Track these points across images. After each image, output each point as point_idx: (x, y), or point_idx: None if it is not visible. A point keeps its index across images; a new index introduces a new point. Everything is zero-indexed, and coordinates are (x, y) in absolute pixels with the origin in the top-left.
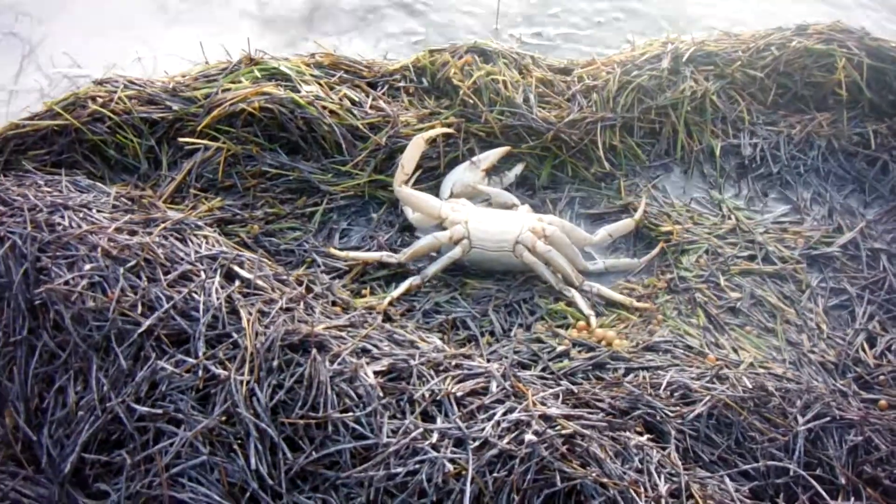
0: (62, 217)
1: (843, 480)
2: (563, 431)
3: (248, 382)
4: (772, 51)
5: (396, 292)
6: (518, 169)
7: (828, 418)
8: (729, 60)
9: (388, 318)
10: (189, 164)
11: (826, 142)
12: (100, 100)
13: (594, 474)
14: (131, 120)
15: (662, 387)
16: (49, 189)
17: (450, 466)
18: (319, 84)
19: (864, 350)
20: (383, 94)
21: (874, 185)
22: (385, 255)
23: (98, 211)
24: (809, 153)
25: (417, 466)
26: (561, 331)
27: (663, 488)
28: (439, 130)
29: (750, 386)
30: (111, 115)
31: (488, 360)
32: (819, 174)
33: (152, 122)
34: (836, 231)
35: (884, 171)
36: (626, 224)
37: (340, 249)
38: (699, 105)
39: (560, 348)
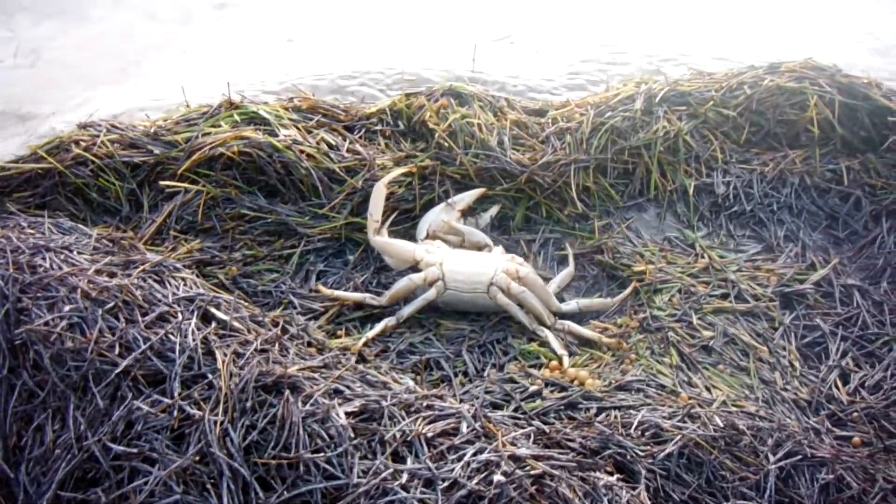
0: (43, 259)
1: None
2: (532, 472)
3: (221, 423)
4: (744, 90)
5: (371, 333)
6: (493, 210)
7: (799, 456)
8: (702, 100)
9: (362, 358)
10: (169, 207)
11: (799, 179)
12: (83, 143)
13: None
14: (113, 163)
15: (633, 426)
16: (32, 231)
17: None
18: (297, 128)
19: (837, 387)
20: (360, 137)
21: (847, 222)
22: (368, 297)
23: (79, 253)
24: (783, 190)
25: None
26: (534, 371)
27: None
28: (399, 170)
29: (721, 425)
30: (94, 159)
31: (461, 401)
32: (792, 211)
33: (134, 166)
34: (809, 268)
35: (857, 206)
36: (601, 302)
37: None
38: (672, 145)
39: (532, 388)
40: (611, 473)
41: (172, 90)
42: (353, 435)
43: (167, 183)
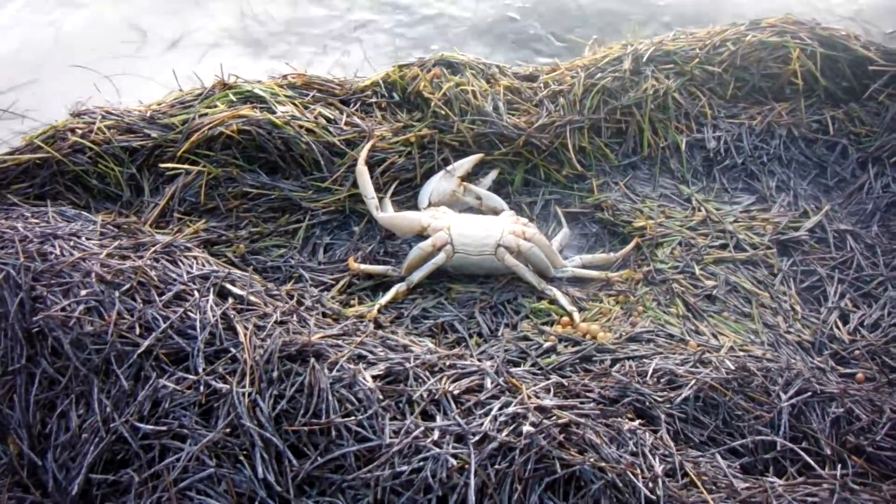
0: (53, 246)
1: (828, 451)
2: (559, 421)
3: (249, 394)
4: (728, 46)
5: (384, 299)
6: (492, 175)
7: (809, 393)
8: (687, 58)
9: (378, 325)
10: (171, 189)
11: (786, 130)
12: (79, 131)
13: (592, 460)
14: (111, 149)
15: (649, 374)
16: (36, 220)
17: (453, 461)
18: (294, 104)
19: (837, 327)
20: (356, 110)
21: (835, 169)
22: (390, 269)
23: (87, 239)
24: (771, 142)
25: (421, 464)
26: (546, 328)
27: (659, 469)
28: (368, 144)
29: (732, 368)
30: (91, 146)
31: (479, 360)
32: (782, 162)
33: (132, 151)
34: (802, 216)
35: (843, 154)
36: (604, 258)
37: (335, 264)
38: (662, 103)
39: (547, 344)
40: (632, 419)
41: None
42: (381, 397)
43: (168, 165)
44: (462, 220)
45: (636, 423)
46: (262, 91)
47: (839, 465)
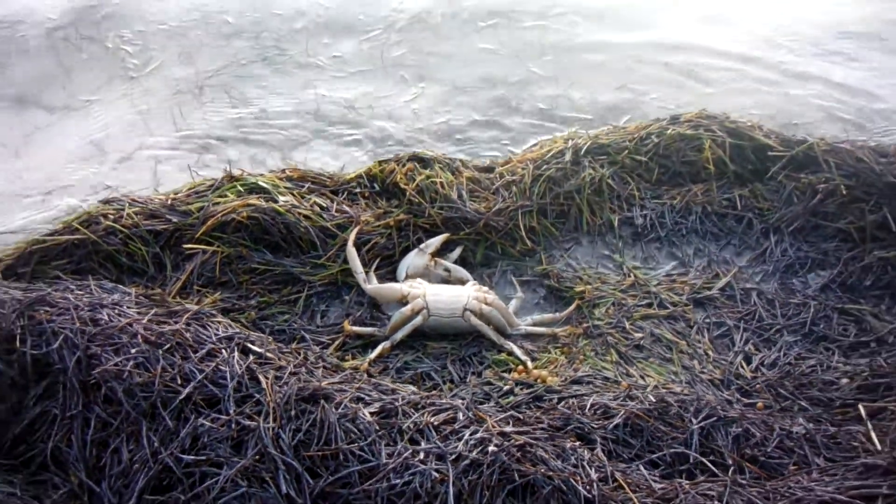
0: (101, 314)
1: (730, 461)
2: (517, 443)
3: (273, 429)
4: (652, 138)
5: (373, 355)
6: (458, 251)
7: (715, 418)
8: (619, 149)
9: (370, 375)
10: (191, 266)
11: (702, 207)
12: (111, 216)
13: (542, 470)
14: (138, 232)
15: (587, 407)
16: (81, 292)
17: (435, 475)
18: (293, 194)
19: (742, 367)
20: (344, 199)
21: (743, 238)
22: (377, 330)
23: (128, 307)
24: (689, 218)
25: (411, 478)
26: (505, 374)
27: (595, 476)
28: (355, 229)
29: (654, 400)
30: (122, 229)
31: (452, 400)
32: (698, 234)
33: (156, 233)
34: (714, 277)
35: (749, 226)
36: (550, 317)
37: (331, 327)
38: (598, 188)
39: (506, 387)
40: (574, 441)
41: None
42: (377, 428)
43: (188, 246)
44: (435, 289)
45: (577, 443)
46: (265, 183)
47: (738, 472)
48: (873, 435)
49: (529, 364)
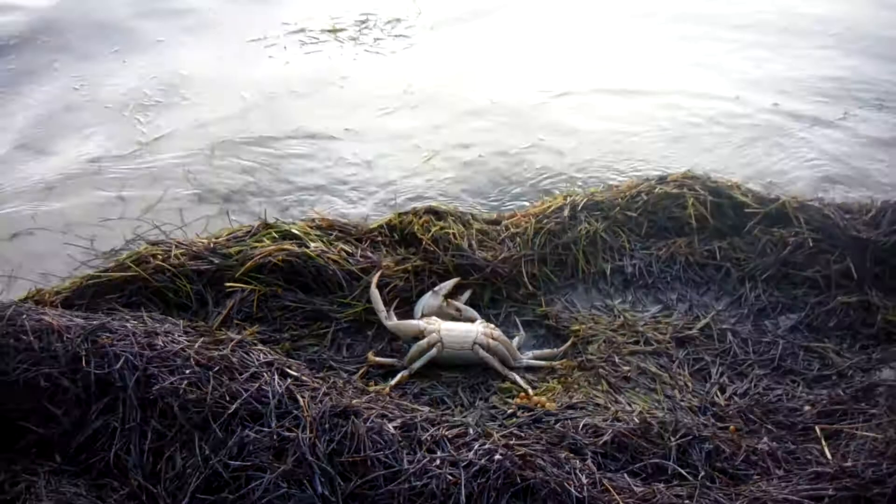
0: (156, 340)
1: (702, 473)
2: (519, 453)
3: (310, 439)
4: (642, 196)
5: (393, 382)
6: (467, 294)
7: (691, 436)
8: (612, 206)
9: (391, 398)
10: (231, 302)
11: (685, 258)
12: (160, 257)
13: (540, 476)
14: (184, 271)
15: (580, 427)
16: (136, 321)
17: (450, 478)
18: (322, 241)
19: (717, 396)
20: (368, 246)
21: (721, 285)
22: (396, 361)
23: (178, 336)
24: (674, 267)
25: (428, 481)
26: (509, 400)
27: (585, 481)
28: (377, 274)
29: (638, 422)
30: (169, 268)
31: (463, 419)
32: (681, 281)
33: (199, 273)
34: (695, 319)
35: (727, 274)
36: (550, 352)
37: (356, 358)
38: (592, 240)
39: (510, 411)
40: (568, 454)
41: None
42: (400, 439)
43: (229, 284)
44: (448, 326)
45: (571, 455)
46: (297, 231)
47: (710, 481)
48: (827, 451)
49: (530, 391)
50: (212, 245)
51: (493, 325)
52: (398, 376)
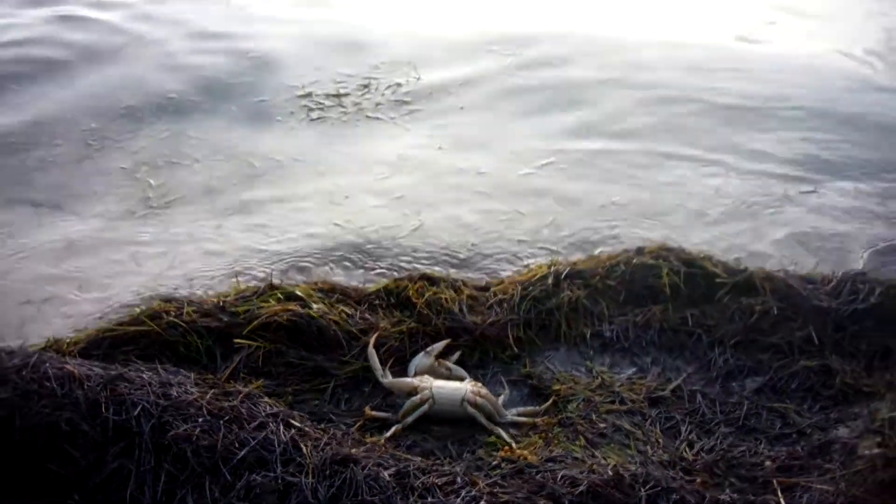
0: (171, 390)
1: None
2: (502, 500)
3: (312, 484)
4: (620, 266)
5: (388, 434)
6: (457, 354)
7: (659, 487)
8: (592, 275)
9: (386, 450)
10: (238, 357)
11: (659, 324)
12: (172, 313)
13: None
14: (195, 327)
15: (559, 478)
16: (150, 373)
17: None
18: (323, 303)
19: (686, 451)
20: (366, 308)
21: (692, 350)
22: (391, 416)
23: (191, 387)
24: (648, 332)
25: None
26: (494, 453)
27: None
28: (374, 336)
29: (611, 474)
30: (181, 324)
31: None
32: (655, 345)
33: (209, 329)
34: (667, 381)
35: (698, 339)
36: (532, 410)
37: (354, 411)
38: (574, 306)
39: (494, 463)
40: (547, 501)
41: None
42: (394, 485)
43: (238, 340)
44: (439, 384)
45: (549, 503)
46: (301, 293)
47: None
48: (782, 502)
49: (514, 445)
50: (221, 303)
51: (480, 384)
52: (392, 429)
